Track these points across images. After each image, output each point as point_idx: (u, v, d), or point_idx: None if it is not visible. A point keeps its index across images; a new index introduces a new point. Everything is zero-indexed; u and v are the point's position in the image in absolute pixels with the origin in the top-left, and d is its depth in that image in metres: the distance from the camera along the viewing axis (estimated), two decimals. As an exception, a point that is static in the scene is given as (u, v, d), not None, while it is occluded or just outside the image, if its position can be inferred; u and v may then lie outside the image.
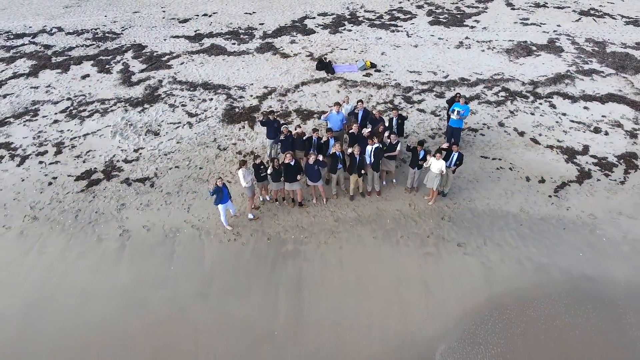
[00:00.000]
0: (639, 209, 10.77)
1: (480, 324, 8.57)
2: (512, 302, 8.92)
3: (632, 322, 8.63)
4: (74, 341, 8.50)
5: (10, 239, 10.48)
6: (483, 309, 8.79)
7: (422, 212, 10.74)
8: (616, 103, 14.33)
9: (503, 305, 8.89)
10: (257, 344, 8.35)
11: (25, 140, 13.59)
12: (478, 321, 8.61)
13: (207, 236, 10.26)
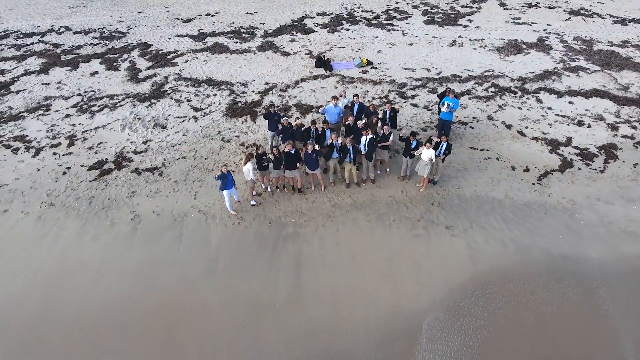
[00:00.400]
0: (616, 195, 11.54)
1: (465, 298, 9.32)
2: (495, 278, 9.68)
3: (604, 296, 9.38)
4: (90, 315, 9.24)
5: (29, 224, 11.23)
6: (468, 285, 9.55)
7: (414, 198, 11.50)
8: (600, 98, 15.09)
9: (486, 281, 9.64)
10: (260, 315, 9.10)
11: (39, 133, 14.36)
12: (463, 295, 9.36)
13: (213, 220, 11.01)
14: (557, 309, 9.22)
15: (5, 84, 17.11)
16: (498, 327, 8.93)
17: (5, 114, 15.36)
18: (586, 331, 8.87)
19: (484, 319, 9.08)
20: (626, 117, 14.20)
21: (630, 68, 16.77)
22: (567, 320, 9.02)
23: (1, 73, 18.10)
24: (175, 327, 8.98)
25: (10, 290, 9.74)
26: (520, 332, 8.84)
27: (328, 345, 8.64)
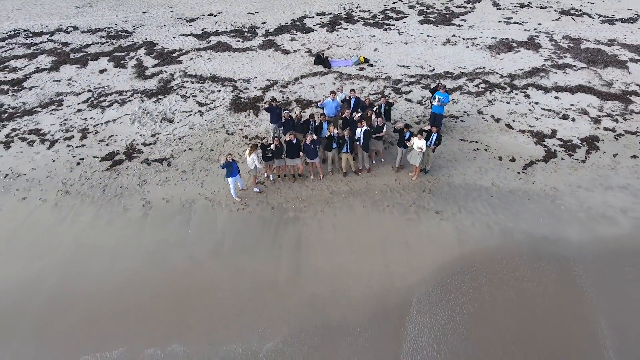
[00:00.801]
0: (596, 183, 12.33)
1: (452, 276, 10.11)
2: (480, 258, 10.47)
3: (580, 273, 10.18)
4: (106, 293, 10.01)
5: (46, 210, 12.02)
6: (455, 264, 10.34)
7: (406, 186, 12.30)
8: (584, 93, 15.89)
9: (472, 261, 10.43)
10: (263, 292, 9.89)
11: (52, 127, 15.15)
12: (450, 273, 10.15)
13: (219, 206, 11.81)
14: (536, 286, 10.01)
15: (19, 81, 17.90)
16: (482, 303, 9.72)
17: (20, 109, 16.14)
18: (563, 305, 9.65)
19: (470, 295, 9.87)
20: (608, 111, 15.00)
21: (615, 65, 17.57)
22: (545, 295, 9.81)
23: (14, 70, 18.90)
24: (185, 303, 9.76)
25: (31, 271, 10.51)
26: (502, 306, 9.63)
27: (326, 318, 9.42)
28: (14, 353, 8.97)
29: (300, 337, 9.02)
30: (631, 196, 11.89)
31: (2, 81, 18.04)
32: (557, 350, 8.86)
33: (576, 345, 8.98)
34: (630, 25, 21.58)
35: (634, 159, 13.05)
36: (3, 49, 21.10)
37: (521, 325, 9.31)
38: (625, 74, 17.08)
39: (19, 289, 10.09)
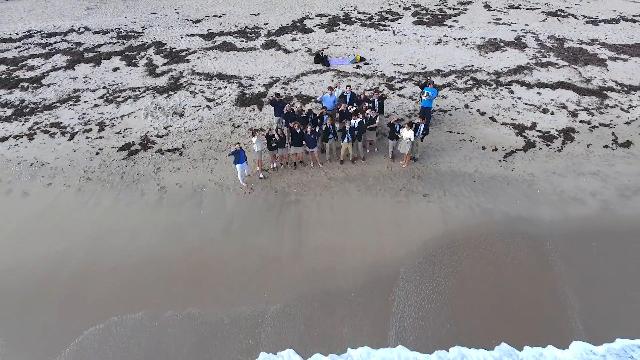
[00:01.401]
0: (570, 169, 13.57)
1: (436, 250, 11.33)
2: (462, 235, 11.70)
3: (551, 248, 11.40)
4: (127, 267, 11.21)
5: (70, 194, 13.25)
6: (439, 240, 11.56)
7: (397, 172, 13.53)
8: (564, 89, 17.12)
9: (455, 237, 11.65)
10: (269, 265, 11.11)
11: (72, 120, 16.38)
12: (435, 248, 11.38)
13: (227, 190, 13.04)
14: (512, 259, 11.23)
15: (37, 79, 19.13)
16: (463, 273, 10.94)
17: (40, 104, 17.38)
18: (535, 276, 10.87)
19: (452, 267, 11.09)
20: (585, 105, 16.24)
21: (594, 63, 18.80)
22: (519, 268, 11.04)
23: (31, 69, 20.13)
24: (199, 274, 10.97)
25: (58, 249, 11.72)
26: (481, 277, 10.84)
27: (325, 287, 10.63)
28: (47, 318, 10.19)
29: (302, 301, 10.25)
30: (600, 181, 13.13)
31: (22, 79, 19.26)
32: (529, 316, 10.05)
33: (546, 312, 10.18)
34: (612, 25, 22.81)
35: (606, 149, 14.29)
36: (20, 49, 22.33)
37: (497, 293, 10.52)
38: (603, 71, 18.32)
39: (49, 262, 11.30)
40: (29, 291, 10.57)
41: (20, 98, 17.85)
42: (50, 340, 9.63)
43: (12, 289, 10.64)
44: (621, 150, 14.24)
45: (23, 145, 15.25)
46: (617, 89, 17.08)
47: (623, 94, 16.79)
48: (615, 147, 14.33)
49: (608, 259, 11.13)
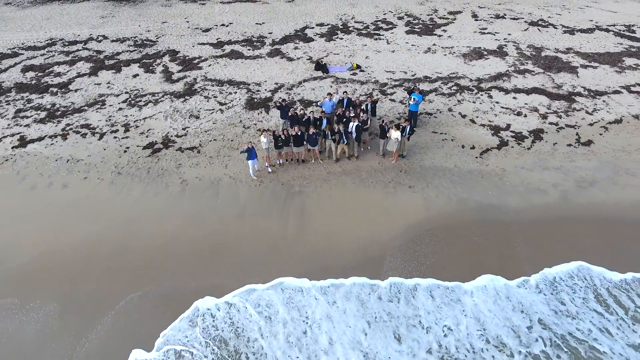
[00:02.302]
0: (536, 165, 15.64)
1: (419, 232, 13.39)
2: (440, 220, 13.76)
3: (515, 231, 13.45)
4: (157, 246, 13.27)
5: (105, 186, 15.32)
6: (421, 224, 13.62)
7: (387, 167, 15.61)
8: (537, 94, 19.19)
9: (435, 222, 13.71)
10: (276, 244, 13.17)
11: (100, 122, 18.45)
12: (417, 230, 13.43)
13: (240, 183, 15.11)
14: (482, 240, 13.28)
15: (64, 84, 21.20)
16: (440, 251, 13.00)
17: (70, 107, 19.45)
18: (502, 253, 12.91)
19: (432, 246, 13.14)
20: (555, 108, 18.32)
21: (567, 71, 20.88)
22: (488, 247, 13.08)
23: (58, 75, 22.21)
24: (217, 253, 13.02)
25: (95, 231, 13.77)
26: (455, 254, 12.89)
27: (324, 263, 12.66)
28: (94, 286, 12.25)
29: (305, 275, 12.31)
30: (562, 174, 15.21)
31: (51, 84, 21.35)
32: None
33: (507, 276, 12.25)
34: (588, 35, 24.90)
35: (569, 147, 16.37)
36: (45, 56, 24.41)
37: (469, 268, 12.59)
38: (574, 78, 20.40)
39: (91, 242, 13.35)
40: (77, 265, 12.64)
41: (51, 102, 19.93)
42: (97, 304, 11.69)
43: (62, 264, 12.70)
44: (582, 148, 16.31)
45: (58, 144, 17.32)
46: (585, 94, 19.16)
47: (589, 99, 18.87)
48: (577, 146, 16.41)
49: (562, 239, 13.19)
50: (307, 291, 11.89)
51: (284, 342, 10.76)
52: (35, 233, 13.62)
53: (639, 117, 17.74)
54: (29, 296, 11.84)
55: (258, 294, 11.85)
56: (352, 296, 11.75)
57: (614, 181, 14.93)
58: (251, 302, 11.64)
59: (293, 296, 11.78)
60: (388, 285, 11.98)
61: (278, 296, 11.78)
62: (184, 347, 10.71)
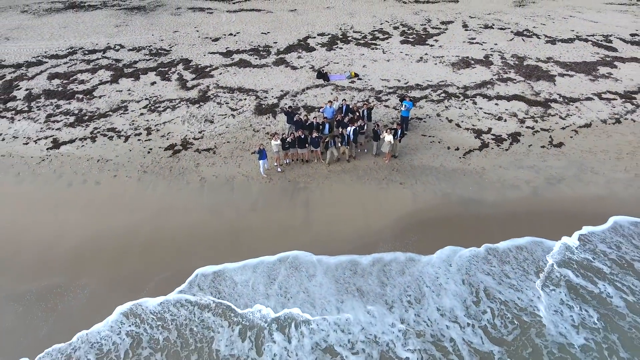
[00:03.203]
0: (512, 164, 17.75)
1: (408, 221, 15.52)
2: (427, 211, 15.88)
3: (490, 221, 15.58)
4: (183, 233, 15.39)
5: (133, 183, 17.44)
6: (411, 214, 15.73)
7: (381, 166, 17.74)
8: (517, 101, 21.33)
9: (422, 213, 15.84)
10: (285, 231, 15.28)
11: (124, 126, 20.57)
12: (407, 220, 15.55)
13: (252, 180, 17.23)
14: (462, 228, 15.40)
15: (89, 91, 23.33)
16: (426, 237, 15.12)
17: (96, 113, 21.57)
18: (478, 236, 14.99)
19: (419, 233, 15.26)
20: (532, 114, 20.45)
21: (545, 79, 23.02)
22: (467, 231, 15.15)
23: (82, 83, 24.33)
24: (235, 238, 15.15)
25: (129, 221, 15.87)
26: (439, 237, 14.96)
27: (326, 247, 14.79)
28: (131, 268, 14.35)
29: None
30: (534, 173, 17.34)
31: (76, 91, 23.47)
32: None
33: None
34: (568, 45, 27.04)
35: (542, 148, 18.50)
36: (68, 65, 26.53)
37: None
38: (551, 85, 22.54)
39: (126, 230, 15.46)
40: (116, 250, 14.77)
41: (78, 108, 22.05)
42: (134, 282, 13.81)
43: (103, 249, 14.83)
44: (554, 149, 18.45)
45: (88, 146, 19.45)
46: (560, 101, 21.29)
47: (563, 105, 21.00)
48: (550, 147, 18.54)
49: (530, 226, 15.32)
50: (303, 257, 14.18)
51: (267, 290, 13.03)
52: (77, 223, 15.76)
53: (606, 122, 19.88)
54: (77, 275, 13.99)
55: (266, 263, 14.11)
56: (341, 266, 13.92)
57: (579, 178, 17.07)
58: (254, 266, 13.87)
59: (292, 261, 14.06)
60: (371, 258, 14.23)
61: (283, 264, 14.04)
62: (190, 295, 13.06)
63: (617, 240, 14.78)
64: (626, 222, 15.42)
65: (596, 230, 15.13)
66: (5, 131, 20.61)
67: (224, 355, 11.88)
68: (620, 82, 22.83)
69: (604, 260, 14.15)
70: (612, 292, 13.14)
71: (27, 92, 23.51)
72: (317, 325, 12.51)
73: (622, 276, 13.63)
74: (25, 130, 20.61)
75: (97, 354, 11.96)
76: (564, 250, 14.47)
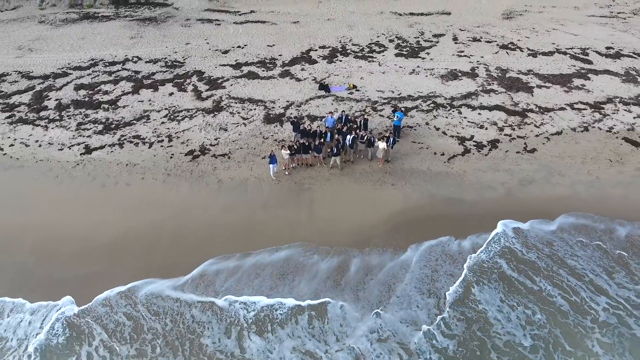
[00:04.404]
0: (490, 168, 20.29)
1: (398, 218, 18.05)
2: (415, 208, 18.42)
3: (470, 217, 18.11)
4: (204, 228, 17.92)
5: (159, 184, 19.97)
6: (400, 212, 18.27)
7: (375, 170, 20.28)
8: (498, 111, 23.87)
9: (411, 211, 18.38)
10: (292, 226, 17.82)
11: (147, 133, 23.11)
12: (397, 217, 18.10)
13: (263, 182, 19.77)
14: (445, 223, 17.93)
15: (113, 101, 25.86)
16: (415, 232, 17.64)
17: (121, 121, 24.11)
18: (457, 226, 17.50)
19: (408, 228, 17.78)
20: (510, 122, 22.99)
21: (524, 90, 25.56)
22: (449, 224, 17.68)
23: (106, 93, 26.86)
24: (248, 232, 17.68)
25: (157, 218, 18.40)
26: (425, 232, 17.51)
27: (328, 240, 17.30)
28: (159, 259, 16.88)
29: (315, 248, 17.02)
30: (509, 175, 19.88)
31: (101, 101, 26.00)
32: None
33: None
34: (547, 57, 29.57)
35: (517, 154, 21.03)
36: (91, 76, 29.05)
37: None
38: (529, 96, 25.08)
39: (154, 225, 18.01)
40: (147, 243, 17.32)
41: (105, 117, 24.59)
42: (164, 267, 16.34)
43: (135, 240, 17.38)
44: (527, 155, 20.99)
45: (117, 152, 22.00)
46: (536, 111, 23.83)
47: (539, 115, 23.54)
48: (524, 153, 21.08)
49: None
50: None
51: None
52: (112, 219, 18.32)
53: (575, 130, 22.42)
54: (115, 264, 16.53)
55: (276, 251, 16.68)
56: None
57: (547, 180, 19.61)
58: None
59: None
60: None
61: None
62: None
63: (559, 235, 17.27)
64: (575, 217, 17.89)
65: (541, 225, 17.63)
66: (41, 138, 23.17)
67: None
68: (592, 93, 25.37)
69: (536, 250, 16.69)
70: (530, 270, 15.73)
71: (57, 102, 26.05)
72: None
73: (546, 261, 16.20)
74: (59, 138, 23.16)
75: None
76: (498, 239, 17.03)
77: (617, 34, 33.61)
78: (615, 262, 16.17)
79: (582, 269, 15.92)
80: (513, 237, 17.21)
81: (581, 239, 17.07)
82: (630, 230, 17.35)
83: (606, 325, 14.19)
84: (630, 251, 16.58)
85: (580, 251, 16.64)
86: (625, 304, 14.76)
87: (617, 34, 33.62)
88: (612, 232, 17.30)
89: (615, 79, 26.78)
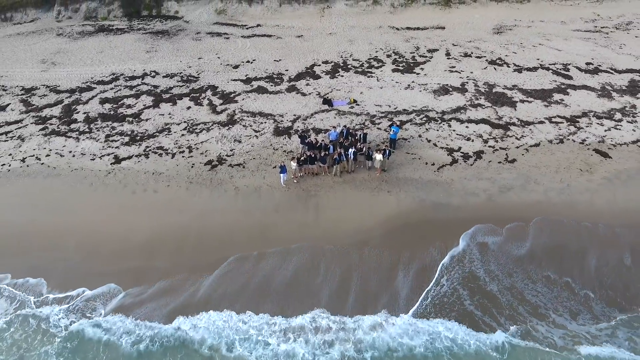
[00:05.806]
0: (474, 176, 22.98)
1: (393, 221, 20.76)
2: (408, 212, 21.13)
3: (454, 219, 20.83)
4: (224, 229, 20.64)
5: (182, 191, 22.70)
6: (395, 215, 20.98)
7: (373, 178, 22.99)
8: (483, 124, 26.58)
9: (404, 215, 21.09)
10: (301, 228, 20.52)
11: (169, 145, 25.83)
12: (392, 220, 20.81)
13: (275, 189, 22.49)
14: (433, 225, 20.63)
15: (137, 114, 28.58)
16: (406, 233, 20.35)
17: (145, 134, 26.83)
18: (444, 233, 20.24)
19: (401, 230, 20.50)
20: (494, 135, 25.71)
21: (508, 105, 28.27)
22: (436, 227, 20.39)
23: (129, 107, 29.57)
24: (262, 232, 20.40)
25: (183, 221, 21.10)
26: (416, 233, 20.23)
27: (331, 240, 20.03)
28: (185, 258, 19.59)
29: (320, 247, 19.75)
30: (491, 183, 22.59)
31: (126, 115, 28.72)
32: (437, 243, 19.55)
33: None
34: (531, 73, 32.27)
35: (499, 164, 23.75)
36: (114, 90, 31.78)
37: (422, 243, 19.95)
38: (512, 111, 27.79)
39: (179, 229, 20.71)
40: (174, 241, 20.04)
41: (130, 129, 27.32)
42: (194, 268, 19.06)
43: (164, 241, 20.09)
44: (508, 165, 23.70)
45: (143, 162, 24.72)
46: (517, 124, 26.54)
47: (520, 128, 26.25)
48: (505, 163, 23.79)
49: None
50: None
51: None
52: (143, 221, 21.05)
53: (552, 142, 25.12)
54: (150, 261, 19.26)
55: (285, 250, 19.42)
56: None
57: (524, 188, 22.32)
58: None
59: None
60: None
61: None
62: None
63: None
64: (546, 220, 20.62)
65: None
66: (74, 149, 25.90)
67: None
68: (569, 108, 28.08)
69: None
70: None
71: (85, 115, 28.79)
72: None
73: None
74: (90, 148, 25.89)
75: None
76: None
77: (598, 49, 36.27)
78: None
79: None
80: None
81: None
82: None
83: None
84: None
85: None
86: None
87: (598, 49, 36.28)
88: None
89: (591, 94, 29.49)
